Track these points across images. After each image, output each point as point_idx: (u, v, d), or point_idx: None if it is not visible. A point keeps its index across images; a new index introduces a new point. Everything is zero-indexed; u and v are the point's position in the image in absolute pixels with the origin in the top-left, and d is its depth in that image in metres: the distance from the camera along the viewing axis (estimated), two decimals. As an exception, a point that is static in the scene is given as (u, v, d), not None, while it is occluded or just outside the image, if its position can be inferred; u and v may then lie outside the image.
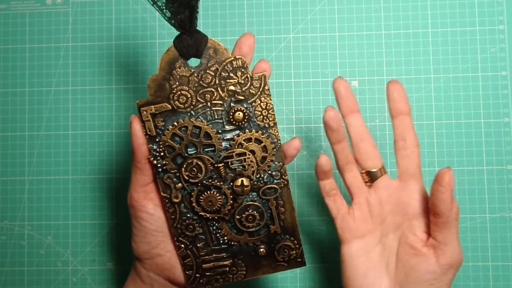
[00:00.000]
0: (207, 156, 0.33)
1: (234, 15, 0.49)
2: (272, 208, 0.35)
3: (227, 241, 0.35)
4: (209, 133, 0.33)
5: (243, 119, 0.33)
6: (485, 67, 0.47)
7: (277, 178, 0.34)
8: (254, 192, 0.34)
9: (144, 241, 0.34)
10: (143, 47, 0.49)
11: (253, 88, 0.33)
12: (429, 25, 0.48)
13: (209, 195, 0.34)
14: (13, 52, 0.50)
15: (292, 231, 0.35)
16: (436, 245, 0.33)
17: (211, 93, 0.33)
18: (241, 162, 0.34)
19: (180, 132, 0.33)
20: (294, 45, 0.49)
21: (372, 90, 0.48)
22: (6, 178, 0.49)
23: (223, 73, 0.33)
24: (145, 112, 0.33)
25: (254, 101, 0.33)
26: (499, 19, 0.48)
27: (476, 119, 0.47)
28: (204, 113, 0.33)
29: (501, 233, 0.46)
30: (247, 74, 0.33)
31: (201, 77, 0.33)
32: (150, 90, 0.33)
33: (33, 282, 0.49)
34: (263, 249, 0.35)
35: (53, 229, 0.49)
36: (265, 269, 0.36)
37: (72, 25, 0.50)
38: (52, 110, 0.49)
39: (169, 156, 0.33)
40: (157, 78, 0.32)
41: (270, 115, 0.33)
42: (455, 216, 0.33)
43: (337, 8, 0.49)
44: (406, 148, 0.35)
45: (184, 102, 0.33)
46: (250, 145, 0.33)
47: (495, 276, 0.46)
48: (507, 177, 0.47)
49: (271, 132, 0.34)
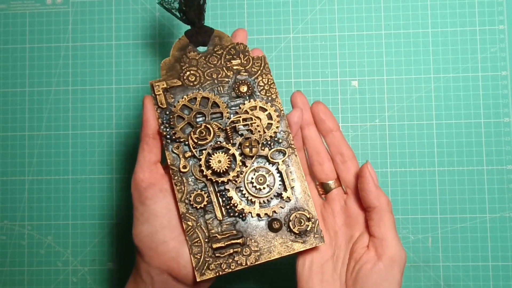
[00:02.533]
0: (215, 122, 0.35)
1: (234, 15, 0.49)
2: (282, 172, 0.34)
3: (238, 213, 0.34)
4: (217, 102, 0.35)
5: (247, 91, 0.36)
6: (485, 67, 0.47)
7: (284, 146, 0.35)
8: (262, 158, 0.35)
9: (146, 224, 0.33)
10: (143, 47, 0.49)
11: (254, 66, 0.36)
12: (429, 25, 0.48)
13: (218, 155, 0.34)
14: (13, 52, 0.50)
15: (306, 202, 0.35)
16: (375, 241, 0.34)
17: (218, 72, 0.36)
18: (248, 127, 0.35)
19: (189, 104, 0.35)
20: (294, 45, 0.49)
21: (372, 90, 0.48)
22: (6, 178, 0.49)
23: (228, 56, 0.36)
24: (158, 86, 0.35)
25: (256, 78, 0.36)
26: (499, 19, 0.48)
27: (476, 119, 0.47)
28: (212, 88, 0.36)
29: (501, 233, 0.46)
30: (249, 56, 0.36)
31: (208, 59, 0.36)
32: (163, 71, 0.36)
33: (33, 282, 0.49)
34: (277, 222, 0.34)
35: (53, 229, 0.49)
36: (280, 249, 0.34)
37: (72, 25, 0.50)
38: (52, 110, 0.49)
39: (178, 125, 0.35)
40: (169, 60, 0.36)
41: (272, 89, 0.36)
42: (386, 207, 0.34)
43: (337, 8, 0.49)
44: (344, 162, 0.36)
45: (193, 80, 0.36)
46: (256, 112, 0.35)
47: (495, 276, 0.46)
48: (507, 177, 0.47)
49: (275, 103, 0.36)
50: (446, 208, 0.47)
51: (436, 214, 0.47)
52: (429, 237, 0.47)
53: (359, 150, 0.47)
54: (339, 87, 0.48)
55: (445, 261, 0.47)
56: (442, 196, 0.47)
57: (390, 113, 0.48)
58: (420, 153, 0.47)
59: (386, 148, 0.48)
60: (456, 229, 0.47)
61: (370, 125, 0.48)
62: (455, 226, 0.47)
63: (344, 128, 0.48)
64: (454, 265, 0.47)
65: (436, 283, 0.47)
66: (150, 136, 0.34)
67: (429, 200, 0.47)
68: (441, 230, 0.47)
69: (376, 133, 0.48)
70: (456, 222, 0.47)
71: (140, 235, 0.34)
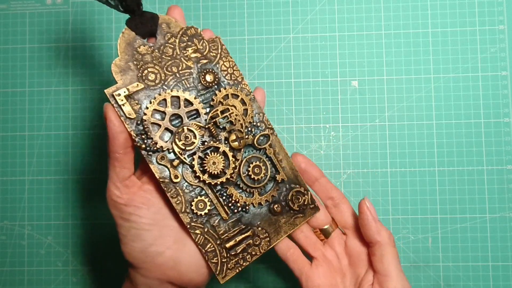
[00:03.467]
0: (194, 122, 0.33)
1: (234, 15, 0.49)
2: (271, 156, 0.35)
3: (241, 208, 0.34)
4: (188, 99, 0.33)
5: (214, 79, 0.34)
6: (485, 67, 0.47)
7: (263, 128, 0.35)
8: (249, 147, 0.35)
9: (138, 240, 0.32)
10: (143, 47, 0.49)
11: (212, 51, 0.34)
12: (429, 25, 0.48)
13: (212, 157, 0.33)
14: (13, 52, 0.50)
15: (295, 177, 0.36)
16: (379, 278, 0.34)
17: (177, 64, 0.33)
18: (227, 119, 0.34)
19: (160, 107, 0.32)
20: (294, 45, 0.49)
21: (372, 90, 0.48)
22: (6, 178, 0.49)
23: (181, 44, 0.33)
24: (119, 95, 0.31)
25: (217, 62, 0.34)
26: (499, 19, 0.48)
27: (476, 119, 0.47)
28: (177, 84, 0.33)
29: (501, 233, 0.46)
30: (203, 40, 0.34)
31: (162, 52, 0.33)
32: (116, 75, 0.32)
33: (33, 282, 0.49)
34: (277, 205, 0.35)
35: (53, 229, 0.49)
36: (285, 228, 0.35)
37: (72, 25, 0.50)
38: (52, 110, 0.49)
39: (156, 134, 0.32)
40: (120, 61, 0.32)
41: (236, 71, 0.35)
42: (387, 241, 0.34)
43: (337, 8, 0.49)
44: (336, 205, 0.37)
45: (154, 79, 0.33)
46: (230, 101, 0.34)
47: (495, 276, 0.46)
48: (507, 177, 0.47)
49: (242, 86, 0.35)
50: (446, 208, 0.47)
51: (436, 214, 0.47)
52: (429, 237, 0.47)
53: (359, 150, 0.48)
54: (339, 87, 0.48)
55: (445, 261, 0.47)
56: (442, 196, 0.47)
57: (390, 113, 0.48)
58: (420, 153, 0.47)
59: (386, 148, 0.48)
60: (456, 229, 0.47)
61: (370, 125, 0.48)
62: (455, 226, 0.47)
63: (344, 128, 0.48)
64: (454, 265, 0.47)
65: (436, 283, 0.47)
66: (120, 152, 0.31)
67: (429, 200, 0.47)
68: (441, 230, 0.47)
69: (376, 133, 0.48)
70: (456, 222, 0.47)
71: (133, 253, 0.32)
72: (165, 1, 0.50)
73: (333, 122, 0.48)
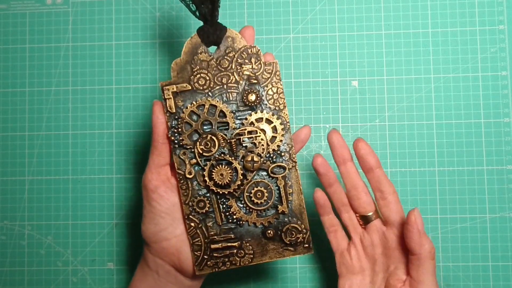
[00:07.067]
0: (221, 133, 0.36)
1: (234, 15, 0.49)
2: (280, 187, 0.36)
3: (236, 220, 0.36)
4: (224, 111, 0.36)
5: (255, 100, 0.36)
6: (485, 67, 0.47)
7: (286, 159, 0.36)
8: (263, 171, 0.36)
9: (152, 223, 0.36)
10: (143, 47, 0.49)
11: (265, 73, 0.36)
12: (429, 25, 0.48)
13: (221, 169, 0.35)
14: (13, 52, 0.50)
15: (300, 214, 0.37)
16: (412, 283, 0.35)
17: (228, 77, 0.36)
18: (252, 140, 0.36)
19: (197, 110, 0.36)
20: (294, 45, 0.49)
21: (372, 90, 0.48)
22: (6, 178, 0.49)
23: (239, 59, 0.36)
24: (168, 90, 0.35)
25: (266, 85, 0.36)
26: (499, 19, 0.48)
27: (476, 119, 0.47)
28: (221, 94, 0.36)
29: (501, 233, 0.46)
30: (260, 60, 0.36)
31: (219, 62, 0.36)
32: (173, 72, 0.36)
33: (33, 282, 0.49)
34: (270, 231, 0.36)
35: (53, 229, 0.49)
36: (272, 254, 0.37)
37: (72, 25, 0.50)
38: (52, 110, 0.49)
39: (186, 132, 0.35)
40: (180, 61, 0.36)
41: (281, 99, 0.36)
42: (428, 255, 0.35)
43: (337, 8, 0.49)
44: (384, 198, 0.37)
45: (203, 84, 0.36)
46: (261, 124, 0.36)
47: (495, 276, 0.46)
48: (507, 177, 0.47)
49: (281, 115, 0.36)
50: (446, 208, 0.47)
51: (436, 214, 0.47)
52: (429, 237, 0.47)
53: (359, 150, 0.48)
54: (339, 87, 0.48)
55: (445, 261, 0.47)
56: (442, 196, 0.47)
57: (390, 113, 0.48)
58: (420, 153, 0.47)
59: (386, 148, 0.48)
60: (456, 229, 0.47)
61: (370, 125, 0.48)
62: (455, 226, 0.47)
63: (344, 128, 0.48)
64: (454, 265, 0.47)
65: (436, 283, 0.47)
66: (159, 141, 0.36)
67: (429, 200, 0.47)
68: (441, 230, 0.47)
69: (376, 133, 0.48)
70: (456, 222, 0.47)
71: (147, 231, 0.36)
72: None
73: (333, 122, 0.48)
